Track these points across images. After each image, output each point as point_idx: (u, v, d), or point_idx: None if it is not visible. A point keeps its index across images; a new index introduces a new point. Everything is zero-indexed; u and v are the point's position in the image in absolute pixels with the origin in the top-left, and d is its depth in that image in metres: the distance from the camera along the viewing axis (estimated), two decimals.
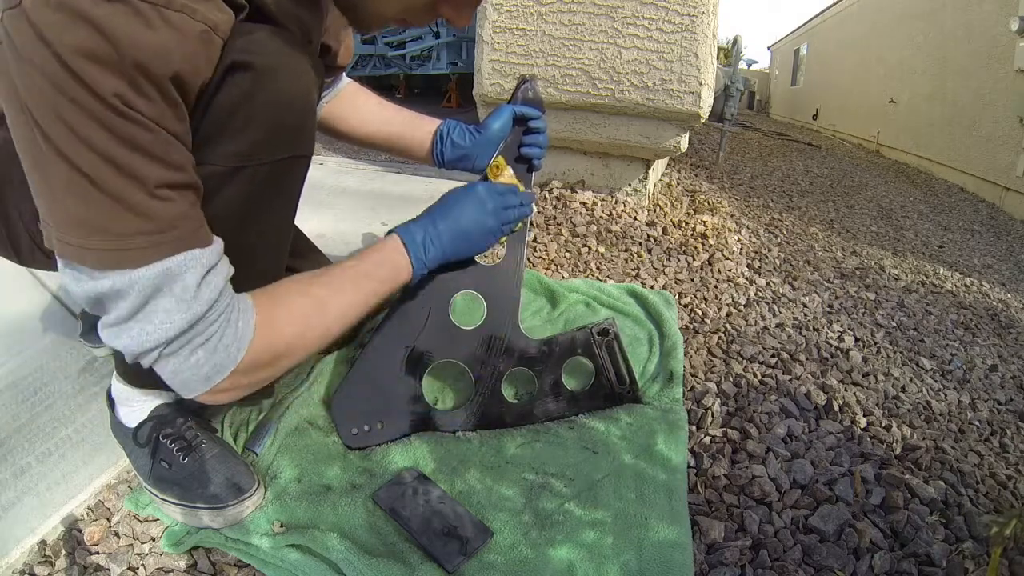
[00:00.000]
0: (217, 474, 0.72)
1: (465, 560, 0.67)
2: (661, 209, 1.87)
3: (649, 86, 1.60)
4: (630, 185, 1.86)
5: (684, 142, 1.70)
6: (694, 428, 0.94)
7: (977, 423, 1.18)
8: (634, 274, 1.47)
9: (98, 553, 0.70)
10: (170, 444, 0.73)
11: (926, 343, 1.51)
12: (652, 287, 1.40)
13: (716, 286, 1.46)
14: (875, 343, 1.41)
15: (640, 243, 1.62)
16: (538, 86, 0.93)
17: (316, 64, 0.65)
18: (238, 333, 0.57)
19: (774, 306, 1.44)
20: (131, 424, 0.75)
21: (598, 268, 1.48)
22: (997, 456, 1.06)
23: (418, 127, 0.94)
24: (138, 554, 0.71)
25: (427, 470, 0.81)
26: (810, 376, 1.15)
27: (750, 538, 0.75)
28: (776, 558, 0.73)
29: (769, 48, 14.63)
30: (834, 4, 9.27)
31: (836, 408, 1.04)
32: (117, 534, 0.73)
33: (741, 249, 1.76)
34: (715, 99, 2.14)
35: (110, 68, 0.45)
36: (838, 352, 1.29)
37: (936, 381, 1.32)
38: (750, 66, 10.77)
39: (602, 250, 1.57)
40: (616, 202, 1.81)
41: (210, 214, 0.59)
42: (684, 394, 1.01)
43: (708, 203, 2.09)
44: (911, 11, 6.27)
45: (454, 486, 0.79)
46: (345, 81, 0.94)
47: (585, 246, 1.57)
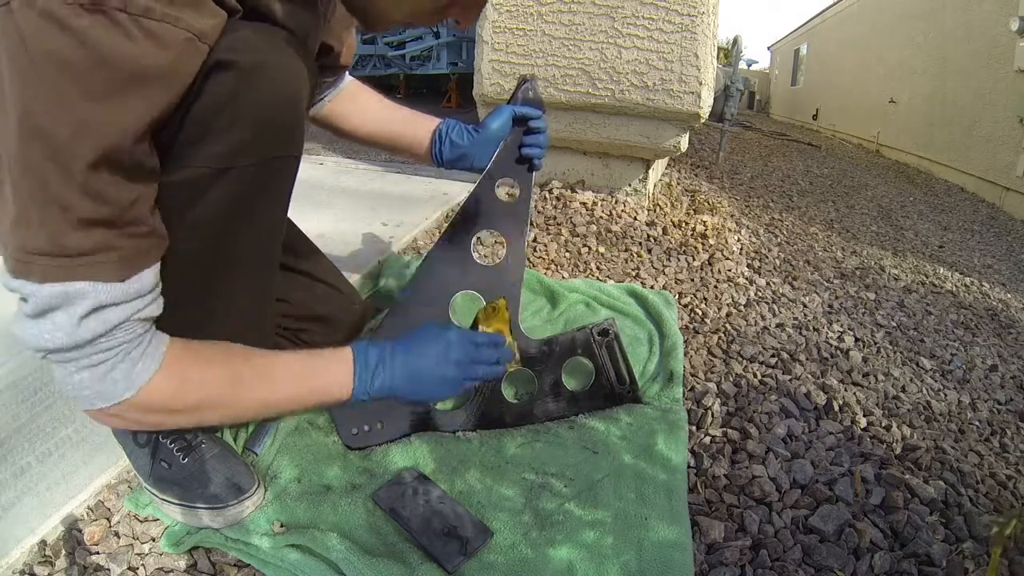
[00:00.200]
0: (217, 474, 0.72)
1: (465, 560, 0.67)
2: (661, 209, 1.87)
3: (649, 86, 1.60)
4: (630, 185, 1.86)
5: (684, 142, 1.70)
6: (694, 428, 0.94)
7: (977, 423, 1.18)
8: (634, 274, 1.47)
9: (98, 553, 0.70)
10: (170, 444, 0.73)
11: (926, 343, 1.51)
12: (652, 287, 1.40)
13: (716, 286, 1.46)
14: (875, 343, 1.41)
15: (640, 243, 1.62)
16: (538, 86, 0.93)
17: (308, 63, 0.63)
18: (132, 374, 0.55)
19: (774, 306, 1.44)
20: None
21: (598, 268, 1.48)
22: (997, 456, 1.06)
23: (418, 126, 0.94)
24: (138, 554, 0.71)
25: (427, 470, 0.81)
26: (810, 376, 1.15)
27: (750, 538, 0.75)
28: (776, 558, 0.73)
29: (769, 48, 14.64)
30: (834, 4, 9.27)
31: (836, 408, 1.04)
32: (117, 534, 0.73)
33: (741, 249, 1.76)
34: (715, 99, 2.14)
35: (75, 85, 0.45)
36: (838, 352, 1.29)
37: (936, 381, 1.32)
38: (750, 66, 10.76)
39: (602, 250, 1.57)
40: (616, 202, 1.81)
41: (198, 215, 0.58)
42: (684, 394, 1.01)
43: (708, 203, 2.09)
44: (911, 11, 6.27)
45: (454, 486, 0.79)
46: (347, 80, 0.93)
47: (585, 246, 1.57)
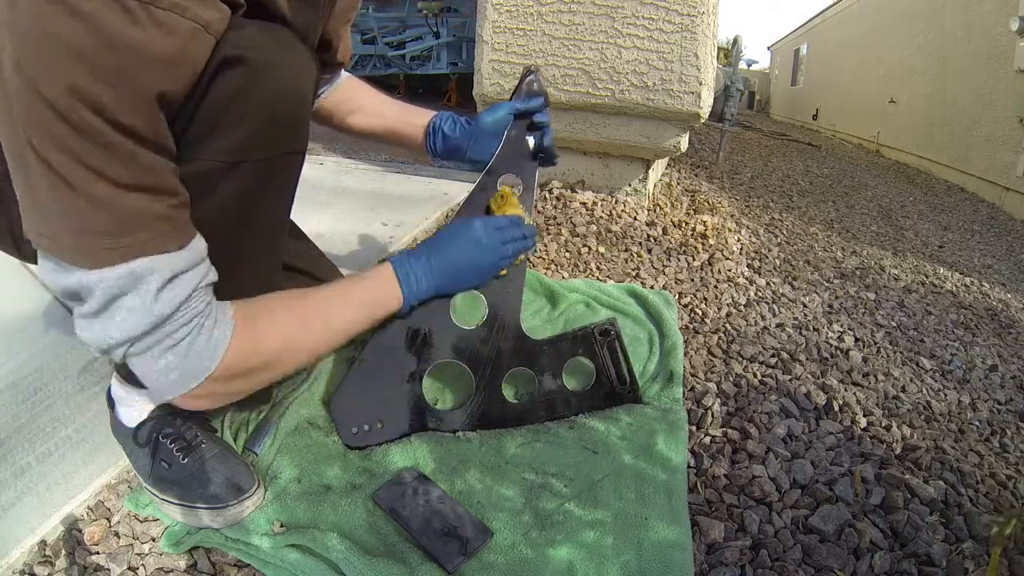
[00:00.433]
0: (217, 474, 0.72)
1: (465, 560, 0.67)
2: (661, 209, 1.87)
3: (649, 86, 1.60)
4: (630, 185, 1.86)
5: (684, 142, 1.70)
6: (694, 428, 0.94)
7: (977, 423, 1.18)
8: (634, 274, 1.47)
9: (98, 553, 0.70)
10: (170, 444, 0.73)
11: (926, 343, 1.51)
12: (652, 287, 1.40)
13: (716, 286, 1.46)
14: (875, 343, 1.41)
15: (640, 243, 1.62)
16: (542, 78, 0.92)
17: (311, 60, 0.64)
18: (212, 341, 0.57)
19: (774, 306, 1.44)
20: (131, 424, 0.75)
21: (598, 268, 1.48)
22: (997, 456, 1.06)
23: (412, 121, 0.95)
24: (138, 554, 0.71)
25: (427, 470, 0.81)
26: (810, 376, 1.15)
27: (750, 538, 0.75)
28: (776, 558, 0.73)
29: (769, 48, 14.64)
30: (834, 4, 9.27)
31: (836, 408, 1.04)
32: (117, 534, 0.73)
33: (741, 249, 1.76)
34: (715, 99, 2.14)
35: (91, 66, 0.45)
36: (838, 352, 1.29)
37: (936, 381, 1.32)
38: (750, 66, 10.75)
39: (602, 250, 1.57)
40: (616, 202, 1.81)
41: (205, 210, 0.59)
42: (684, 394, 1.01)
43: (708, 203, 2.09)
44: (911, 11, 6.27)
45: (454, 486, 0.79)
46: (343, 75, 0.94)
47: (585, 246, 1.57)
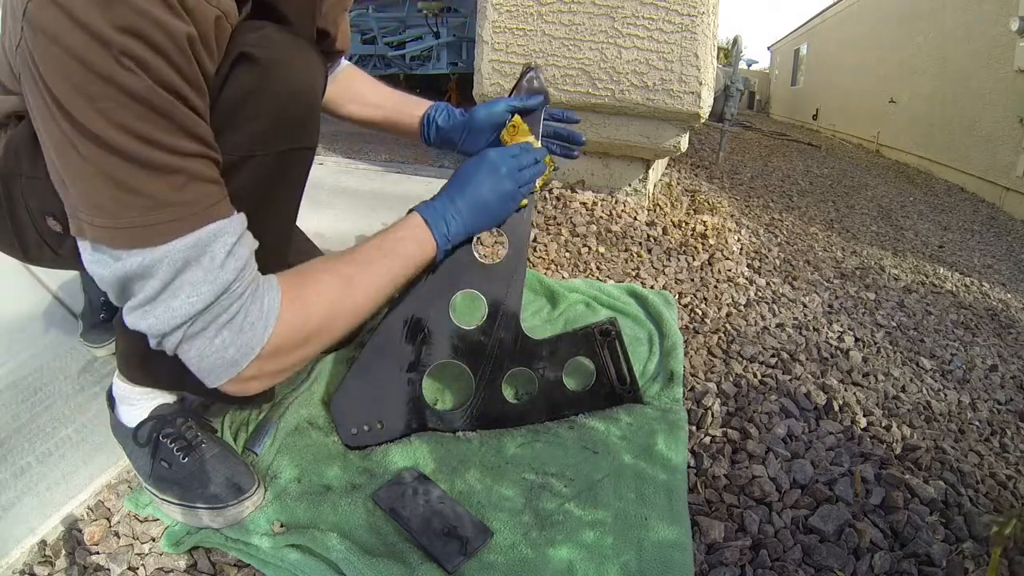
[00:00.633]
0: (217, 474, 0.72)
1: (465, 560, 0.67)
2: (661, 209, 1.87)
3: (649, 86, 1.60)
4: (630, 185, 1.86)
5: (684, 142, 1.70)
6: (694, 428, 0.94)
7: (977, 423, 1.18)
8: (634, 274, 1.47)
9: (98, 553, 0.70)
10: (170, 444, 0.73)
11: (926, 343, 1.51)
12: (652, 287, 1.40)
13: (716, 286, 1.46)
14: (875, 343, 1.41)
15: (640, 243, 1.62)
16: (542, 76, 0.92)
17: (321, 59, 0.66)
18: (264, 309, 0.56)
19: (774, 306, 1.44)
20: (131, 424, 0.75)
21: (598, 268, 1.48)
22: (997, 456, 1.06)
23: (409, 112, 0.96)
24: (138, 554, 0.71)
25: (427, 470, 0.81)
26: (810, 376, 1.15)
27: (750, 538, 0.75)
28: (776, 558, 0.73)
29: (769, 48, 14.63)
30: (834, 4, 9.27)
31: (836, 408, 1.04)
32: (117, 534, 0.73)
33: (741, 249, 1.76)
34: (715, 99, 2.14)
35: (148, 44, 0.46)
36: (838, 352, 1.29)
37: (936, 381, 1.32)
38: (750, 66, 10.76)
39: (602, 250, 1.57)
40: (616, 202, 1.81)
41: None
42: (684, 394, 1.01)
43: (708, 203, 2.09)
44: (911, 11, 6.27)
45: (454, 486, 0.79)
46: (343, 64, 0.95)
47: (585, 246, 1.57)
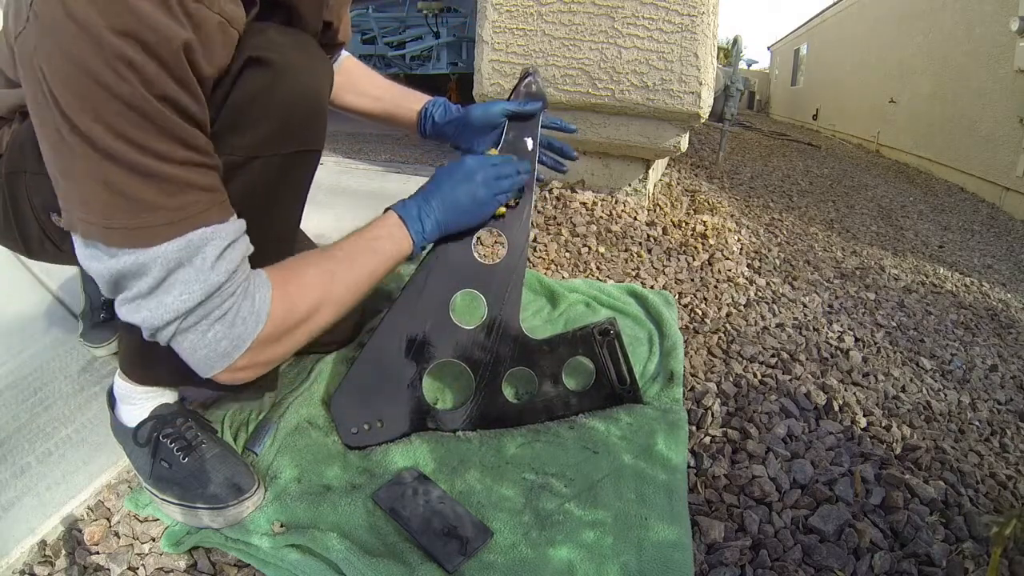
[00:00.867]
0: (217, 474, 0.72)
1: (465, 560, 0.67)
2: (661, 209, 1.87)
3: (649, 86, 1.60)
4: (630, 185, 1.86)
5: (684, 142, 1.70)
6: (694, 428, 0.94)
7: (977, 423, 1.18)
8: (634, 274, 1.47)
9: (98, 553, 0.70)
10: (170, 444, 0.73)
11: (926, 343, 1.51)
12: (652, 287, 1.40)
13: (716, 286, 1.46)
14: (875, 343, 1.41)
15: (640, 243, 1.62)
16: (540, 80, 0.93)
17: (329, 61, 0.68)
18: (255, 305, 0.59)
19: (774, 306, 1.44)
20: (131, 424, 0.75)
21: (598, 268, 1.48)
22: (997, 456, 1.06)
23: (407, 105, 0.98)
24: (138, 554, 0.71)
25: (427, 470, 0.81)
26: (810, 376, 1.15)
27: (750, 538, 0.75)
28: (776, 558, 0.73)
29: (769, 48, 14.63)
30: (834, 4, 9.26)
31: (836, 408, 1.04)
32: (117, 534, 0.73)
33: (741, 249, 1.76)
34: (715, 99, 2.13)
35: (143, 48, 0.47)
36: (838, 352, 1.29)
37: (936, 381, 1.32)
38: (750, 66, 10.76)
39: (602, 250, 1.57)
40: (616, 202, 1.81)
41: None
42: (684, 394, 1.01)
43: (708, 203, 2.08)
44: (911, 11, 6.27)
45: (454, 486, 0.79)
46: (343, 55, 0.95)
47: (585, 246, 1.57)
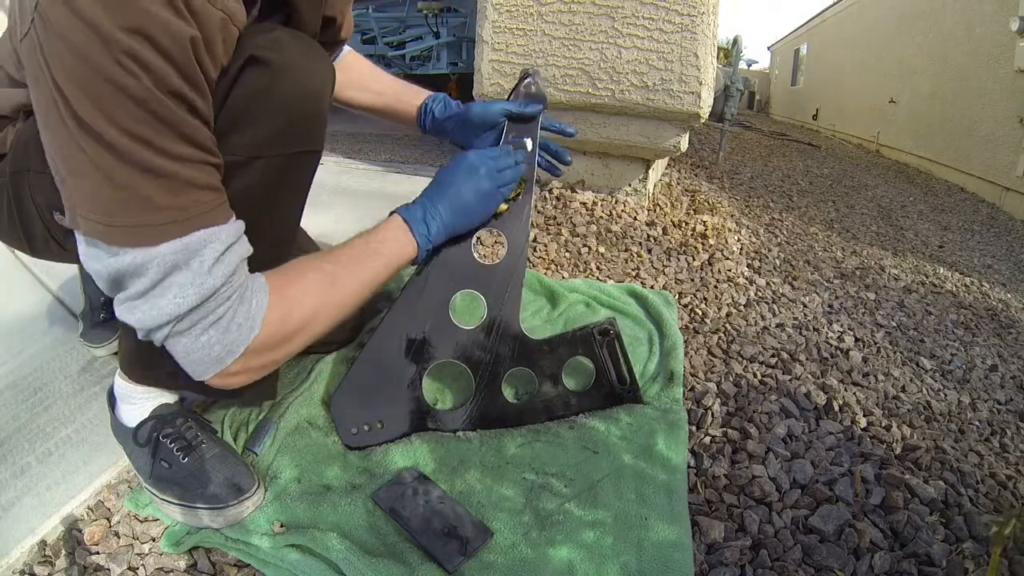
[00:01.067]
0: (217, 474, 0.72)
1: (465, 560, 0.67)
2: (661, 209, 1.87)
3: (649, 86, 1.60)
4: (630, 185, 1.86)
5: (684, 142, 1.70)
6: (694, 428, 0.94)
7: (977, 423, 1.18)
8: (634, 274, 1.47)
9: (98, 553, 0.70)
10: (170, 444, 0.73)
11: (926, 343, 1.51)
12: (652, 287, 1.40)
13: (716, 286, 1.46)
14: (875, 343, 1.41)
15: (640, 243, 1.62)
16: (540, 81, 0.93)
17: (330, 62, 0.68)
18: (251, 311, 0.58)
19: (774, 306, 1.44)
20: (131, 424, 0.75)
21: (598, 268, 1.48)
22: (997, 456, 1.06)
23: (408, 100, 0.98)
24: (138, 554, 0.71)
25: (427, 470, 0.81)
26: (810, 376, 1.15)
27: (750, 538, 0.75)
28: (776, 558, 0.73)
29: (769, 48, 14.63)
30: (834, 4, 9.26)
31: (836, 408, 1.04)
32: (117, 534, 0.73)
33: (741, 249, 1.76)
34: (715, 99, 2.13)
35: (152, 45, 0.47)
36: (838, 352, 1.29)
37: (936, 381, 1.32)
38: (750, 66, 10.76)
39: (602, 250, 1.57)
40: (616, 202, 1.81)
41: None
42: (684, 394, 1.01)
43: (708, 203, 2.08)
44: (911, 11, 6.27)
45: (454, 486, 0.79)
46: (345, 50, 0.96)
47: (585, 246, 1.57)
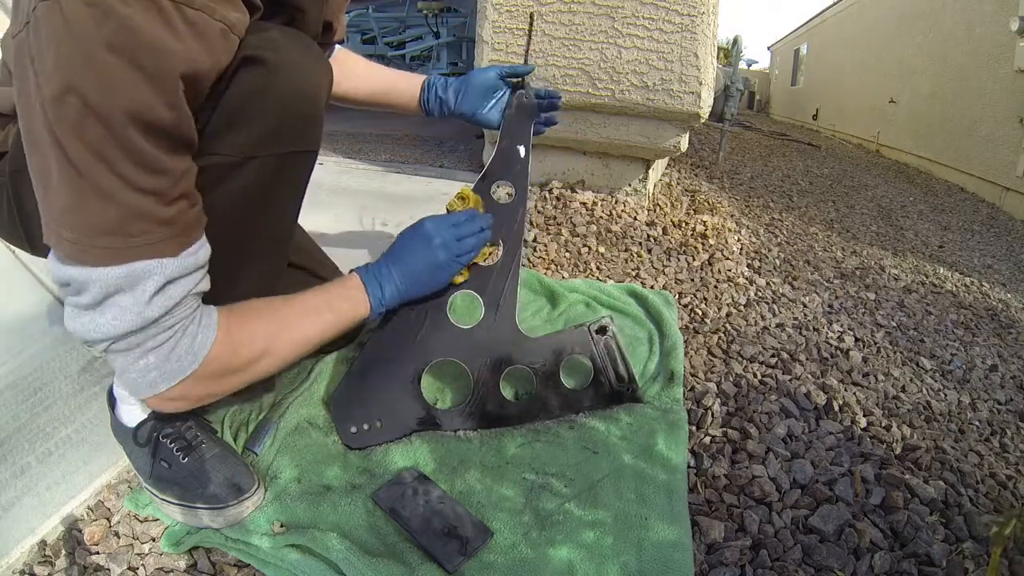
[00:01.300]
0: (217, 474, 0.72)
1: (465, 560, 0.67)
2: (661, 209, 1.87)
3: (649, 86, 1.60)
4: (630, 185, 1.86)
5: (684, 142, 1.70)
6: (694, 428, 0.94)
7: (977, 423, 1.18)
8: (634, 274, 1.47)
9: (98, 553, 0.70)
10: (170, 444, 0.73)
11: (926, 343, 1.51)
12: (652, 287, 1.40)
13: (716, 286, 1.46)
14: (875, 343, 1.41)
15: (640, 243, 1.62)
16: (532, 92, 0.98)
17: (327, 61, 0.68)
18: (195, 346, 0.59)
19: (774, 306, 1.44)
20: (131, 424, 0.75)
21: (598, 268, 1.48)
22: (997, 456, 1.06)
23: (407, 81, 1.01)
24: (138, 554, 0.71)
25: (427, 470, 0.81)
26: (810, 376, 1.15)
27: (750, 538, 0.75)
28: (776, 558, 0.73)
29: (769, 48, 14.62)
30: (834, 4, 9.26)
31: (836, 408, 1.04)
32: (117, 534, 0.73)
33: (741, 249, 1.76)
34: (715, 99, 2.13)
35: (134, 67, 0.46)
36: (838, 352, 1.29)
37: (936, 381, 1.32)
38: (750, 66, 10.76)
39: (602, 250, 1.56)
40: (616, 202, 1.81)
41: (218, 203, 0.61)
42: (684, 394, 1.01)
43: (708, 203, 2.08)
44: (911, 11, 6.27)
45: (454, 486, 0.79)
46: (336, 48, 0.97)
47: (585, 246, 1.57)
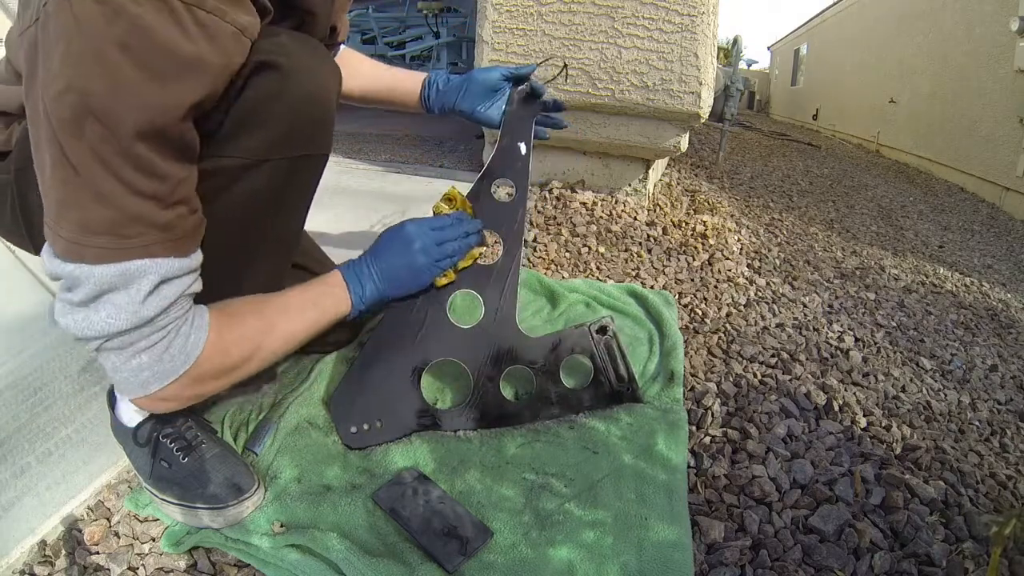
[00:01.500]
0: (217, 474, 0.72)
1: (465, 560, 0.67)
2: (661, 209, 1.87)
3: (649, 86, 1.60)
4: (630, 185, 1.86)
5: (684, 142, 1.70)
6: (694, 428, 0.94)
7: (977, 423, 1.18)
8: (634, 274, 1.47)
9: (98, 553, 0.70)
10: (170, 444, 0.73)
11: (926, 343, 1.51)
12: (652, 287, 1.40)
13: (716, 286, 1.46)
14: (875, 343, 1.41)
15: (640, 243, 1.62)
16: (532, 87, 0.98)
17: (337, 66, 0.68)
18: (187, 346, 0.60)
19: (774, 306, 1.44)
20: (131, 423, 0.75)
21: (598, 268, 1.48)
22: (997, 456, 1.06)
23: (409, 79, 1.02)
24: (138, 554, 0.71)
25: (427, 470, 0.81)
26: (810, 376, 1.15)
27: (750, 538, 0.75)
28: (776, 558, 0.73)
29: (769, 48, 14.62)
30: (834, 4, 9.26)
31: (836, 408, 1.04)
32: (117, 534, 0.73)
33: (741, 249, 1.76)
34: (715, 99, 2.13)
35: (141, 67, 0.47)
36: (838, 352, 1.29)
37: (936, 381, 1.32)
38: (750, 66, 10.76)
39: (602, 250, 1.57)
40: (616, 202, 1.81)
41: (229, 204, 0.61)
42: (684, 394, 1.01)
43: (708, 203, 2.09)
44: (911, 11, 6.27)
45: (454, 486, 0.79)
46: (340, 48, 0.97)
47: (585, 246, 1.57)
